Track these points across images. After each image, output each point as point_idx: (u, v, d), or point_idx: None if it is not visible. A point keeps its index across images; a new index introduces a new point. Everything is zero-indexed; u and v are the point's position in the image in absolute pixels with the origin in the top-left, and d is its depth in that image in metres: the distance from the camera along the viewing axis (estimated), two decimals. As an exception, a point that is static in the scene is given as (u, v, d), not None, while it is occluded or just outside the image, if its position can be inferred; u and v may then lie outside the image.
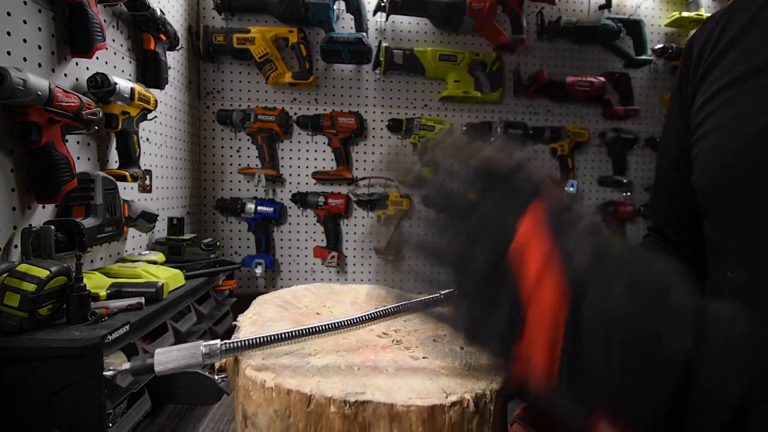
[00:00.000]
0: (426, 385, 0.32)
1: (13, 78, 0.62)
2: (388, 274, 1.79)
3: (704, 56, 0.50)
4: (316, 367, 0.34)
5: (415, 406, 0.29)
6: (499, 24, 1.67)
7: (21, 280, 0.60)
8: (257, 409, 0.32)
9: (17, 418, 0.59)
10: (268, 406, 0.31)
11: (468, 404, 0.31)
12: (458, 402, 0.30)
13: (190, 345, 0.33)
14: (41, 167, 0.74)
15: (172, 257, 1.13)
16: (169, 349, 0.32)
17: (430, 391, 0.31)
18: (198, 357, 0.32)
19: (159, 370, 0.31)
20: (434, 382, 0.32)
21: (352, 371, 0.33)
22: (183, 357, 0.32)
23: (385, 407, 0.29)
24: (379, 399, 0.30)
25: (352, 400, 0.29)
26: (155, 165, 1.25)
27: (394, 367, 0.34)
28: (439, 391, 0.31)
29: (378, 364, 0.35)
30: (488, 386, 0.33)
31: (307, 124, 1.66)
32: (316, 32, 1.65)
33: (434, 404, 0.30)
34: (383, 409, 0.29)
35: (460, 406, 0.30)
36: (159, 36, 1.11)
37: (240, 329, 0.41)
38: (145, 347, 0.79)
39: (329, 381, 0.31)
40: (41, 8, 0.78)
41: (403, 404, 0.29)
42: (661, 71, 1.88)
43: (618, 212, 1.83)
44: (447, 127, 1.71)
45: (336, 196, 1.68)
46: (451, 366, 0.35)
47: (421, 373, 0.34)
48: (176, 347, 0.33)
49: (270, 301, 0.48)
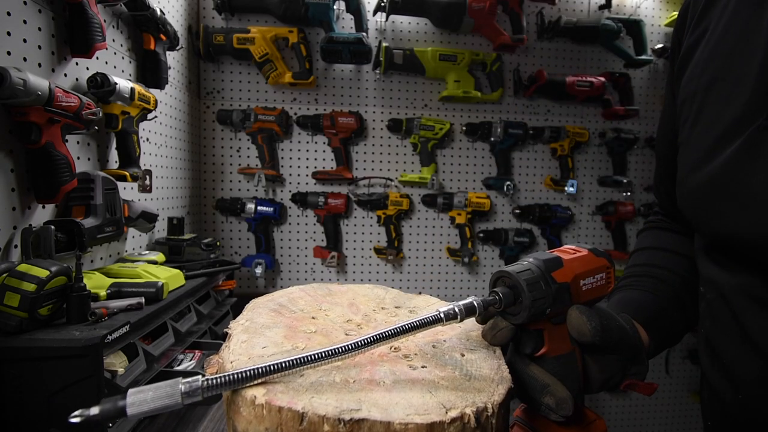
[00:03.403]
0: (425, 400, 0.30)
1: (14, 78, 0.62)
2: (388, 273, 1.79)
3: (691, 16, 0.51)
4: (309, 381, 0.32)
5: (413, 424, 0.28)
6: (499, 24, 1.67)
7: (21, 280, 0.60)
8: (247, 426, 0.30)
9: (17, 418, 0.59)
10: (258, 423, 0.30)
11: (469, 420, 0.29)
12: (459, 418, 0.29)
13: (167, 384, 0.29)
14: (41, 167, 0.74)
15: (172, 257, 1.13)
16: (144, 389, 0.29)
17: (429, 406, 0.30)
18: (176, 397, 0.28)
19: (132, 412, 0.28)
20: (433, 395, 0.31)
21: (347, 385, 0.32)
22: (159, 398, 0.28)
23: (381, 425, 0.28)
24: (375, 416, 0.28)
25: (347, 418, 0.28)
26: (155, 165, 1.25)
27: (391, 380, 0.33)
28: (438, 406, 0.30)
29: (374, 376, 0.33)
30: (490, 399, 0.31)
31: (307, 124, 1.66)
32: (316, 32, 1.65)
33: (433, 421, 0.28)
34: (380, 428, 0.28)
35: (460, 422, 0.29)
36: (159, 36, 1.11)
37: (231, 337, 0.39)
38: (145, 347, 0.79)
39: (323, 397, 0.30)
40: (41, 8, 0.78)
41: (401, 422, 0.28)
42: (661, 71, 1.88)
43: (618, 212, 1.83)
44: (447, 127, 1.71)
45: (336, 196, 1.68)
46: (451, 376, 0.34)
47: (419, 385, 0.32)
48: (153, 386, 0.29)
49: (264, 305, 0.46)
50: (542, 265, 0.38)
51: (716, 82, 0.43)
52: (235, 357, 0.35)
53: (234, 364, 0.34)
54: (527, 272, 0.37)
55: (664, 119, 0.59)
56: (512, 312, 0.38)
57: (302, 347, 0.37)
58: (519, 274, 0.37)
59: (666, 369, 1.95)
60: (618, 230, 1.88)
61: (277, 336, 0.39)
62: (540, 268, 0.38)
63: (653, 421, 1.99)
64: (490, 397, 0.31)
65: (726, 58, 0.43)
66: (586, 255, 0.41)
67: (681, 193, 0.48)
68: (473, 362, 0.37)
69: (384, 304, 0.49)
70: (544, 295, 0.37)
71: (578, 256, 0.41)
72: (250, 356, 0.35)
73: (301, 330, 0.40)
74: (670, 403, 1.99)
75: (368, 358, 0.36)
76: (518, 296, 0.37)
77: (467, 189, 1.80)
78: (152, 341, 0.82)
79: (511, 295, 0.37)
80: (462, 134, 1.77)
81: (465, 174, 1.81)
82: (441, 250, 1.80)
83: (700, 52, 0.47)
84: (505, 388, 0.33)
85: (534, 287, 0.37)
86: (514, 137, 1.75)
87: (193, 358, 0.92)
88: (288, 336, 0.39)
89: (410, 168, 1.77)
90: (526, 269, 0.38)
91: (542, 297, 0.37)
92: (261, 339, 0.38)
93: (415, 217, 1.78)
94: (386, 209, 1.71)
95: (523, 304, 0.37)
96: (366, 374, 0.33)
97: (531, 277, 0.37)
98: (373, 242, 1.76)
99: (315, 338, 0.39)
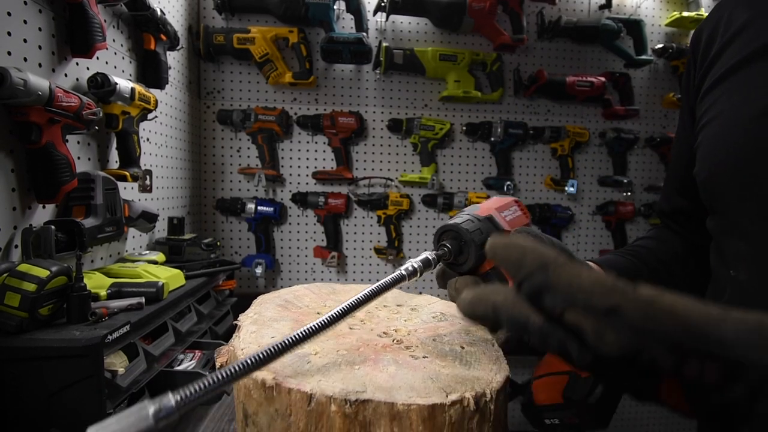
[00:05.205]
0: (426, 384, 0.32)
1: (14, 78, 0.62)
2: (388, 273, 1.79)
3: (712, 45, 0.49)
4: (317, 366, 0.33)
5: (415, 405, 0.29)
6: (499, 24, 1.67)
7: (21, 280, 0.60)
8: (258, 408, 0.32)
9: (17, 418, 0.59)
10: (268, 405, 0.31)
11: (468, 403, 0.31)
12: (458, 401, 0.30)
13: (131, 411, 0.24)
14: (42, 167, 0.74)
15: (173, 257, 1.13)
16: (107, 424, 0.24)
17: (430, 390, 0.31)
18: (147, 420, 0.24)
19: None
20: (435, 381, 0.32)
21: (352, 371, 0.33)
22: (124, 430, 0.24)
23: (385, 406, 0.29)
24: (379, 398, 0.29)
25: (353, 398, 0.29)
26: (155, 165, 1.25)
27: (394, 367, 0.34)
28: (439, 390, 0.31)
29: (378, 364, 0.34)
30: (488, 385, 0.33)
31: (308, 124, 1.66)
32: (317, 32, 1.65)
33: (434, 403, 0.30)
34: (384, 408, 0.29)
35: (460, 405, 0.30)
36: (159, 36, 1.11)
37: (241, 328, 0.41)
38: (145, 347, 0.79)
39: (330, 380, 0.31)
40: (41, 8, 0.78)
41: (404, 403, 0.29)
42: (662, 71, 1.88)
43: (618, 212, 1.83)
44: (447, 127, 1.71)
45: (336, 196, 1.68)
46: (451, 365, 0.35)
47: (421, 372, 0.34)
48: (115, 418, 0.24)
49: (271, 300, 0.48)
50: (466, 211, 0.47)
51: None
52: (245, 345, 0.37)
53: (244, 351, 0.36)
54: (457, 218, 0.45)
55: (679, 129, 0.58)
56: (462, 260, 0.44)
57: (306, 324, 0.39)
58: (451, 221, 0.45)
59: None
60: (618, 230, 1.87)
61: (284, 328, 0.41)
62: (464, 212, 0.46)
63: (653, 420, 1.99)
64: (489, 384, 0.33)
65: None
66: (494, 197, 0.50)
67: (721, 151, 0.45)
68: (473, 354, 0.38)
69: (386, 302, 0.51)
70: (478, 227, 0.44)
71: (487, 200, 0.50)
72: (259, 345, 0.37)
73: (307, 324, 0.41)
74: (671, 403, 1.99)
75: (372, 349, 0.37)
76: (461, 240, 0.43)
77: (467, 189, 1.80)
78: (152, 341, 0.82)
79: (456, 243, 0.43)
80: (462, 134, 1.77)
81: (465, 174, 1.81)
82: (441, 250, 1.80)
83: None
84: (503, 377, 0.35)
85: (467, 224, 0.44)
86: (514, 137, 1.75)
87: (194, 358, 0.92)
88: (295, 329, 0.40)
89: (410, 168, 1.77)
90: (456, 218, 0.45)
91: (477, 229, 0.43)
92: (269, 330, 0.40)
93: (416, 217, 1.78)
94: (386, 209, 1.71)
95: (467, 242, 0.43)
96: (370, 362, 0.35)
97: (462, 220, 0.44)
98: (373, 242, 1.76)
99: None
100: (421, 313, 0.48)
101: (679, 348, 0.22)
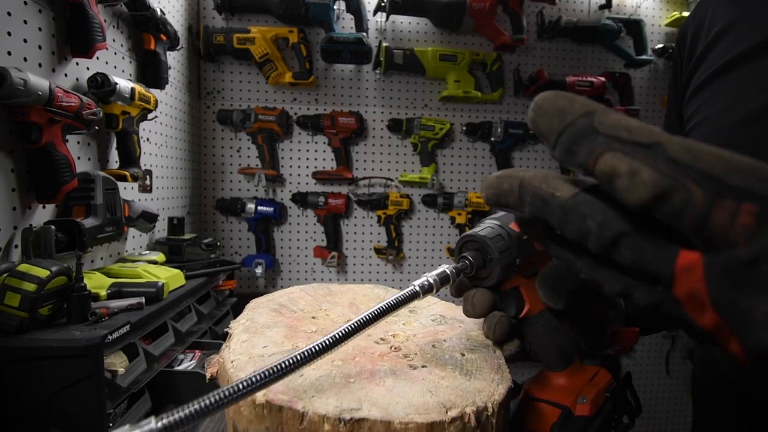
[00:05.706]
0: (425, 399, 0.30)
1: (14, 78, 0.62)
2: (388, 273, 1.79)
3: (697, 45, 0.49)
4: (310, 380, 0.32)
5: (413, 423, 0.28)
6: (499, 24, 1.67)
7: (21, 280, 0.60)
8: (248, 426, 0.31)
9: (17, 418, 0.59)
10: (259, 422, 0.30)
11: (469, 419, 0.29)
12: (459, 417, 0.29)
13: None
14: (42, 167, 0.74)
15: (173, 257, 1.13)
16: None
17: (429, 405, 0.30)
18: None
19: None
20: (434, 394, 0.31)
21: (347, 384, 0.32)
22: None
23: (381, 425, 0.28)
24: (375, 416, 0.28)
25: (347, 417, 0.28)
26: (155, 165, 1.25)
27: (391, 379, 0.33)
28: (438, 406, 0.30)
29: (375, 376, 0.33)
30: (490, 398, 0.31)
31: (308, 124, 1.66)
32: (317, 32, 1.65)
33: (434, 421, 0.28)
34: (380, 427, 0.28)
35: (460, 422, 0.29)
36: (159, 36, 1.11)
37: (232, 336, 0.39)
38: (145, 347, 0.79)
39: (323, 396, 0.30)
40: (41, 8, 0.78)
41: (401, 421, 0.28)
42: (662, 71, 1.88)
43: (618, 212, 1.83)
44: (447, 127, 1.70)
45: (336, 196, 1.68)
46: (451, 375, 0.34)
47: (420, 384, 0.32)
48: None
49: (264, 304, 0.46)
50: (498, 220, 0.39)
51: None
52: (235, 356, 0.35)
53: (234, 363, 0.34)
54: (487, 229, 0.38)
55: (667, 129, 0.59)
56: (484, 275, 0.38)
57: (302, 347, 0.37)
58: (480, 232, 0.37)
59: (666, 369, 1.95)
60: (618, 230, 1.87)
61: (277, 336, 0.39)
62: (497, 223, 0.38)
63: (653, 420, 1.99)
64: (491, 397, 0.31)
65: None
66: None
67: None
68: (473, 362, 0.36)
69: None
70: (508, 245, 0.37)
71: None
72: (250, 356, 0.35)
73: (302, 330, 0.40)
74: (670, 402, 1.99)
75: (368, 358, 0.36)
76: (486, 255, 0.37)
77: (467, 189, 1.80)
78: (152, 341, 0.82)
79: (480, 256, 0.37)
80: (462, 134, 1.77)
81: (465, 174, 1.81)
82: (441, 250, 1.80)
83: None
84: (506, 388, 0.33)
85: (497, 240, 0.37)
86: (514, 137, 1.75)
87: (194, 358, 0.92)
88: (288, 336, 0.39)
89: (410, 168, 1.77)
90: (486, 227, 0.38)
91: (507, 248, 0.37)
92: (261, 338, 0.38)
93: (416, 217, 1.78)
94: (386, 209, 1.71)
95: (493, 259, 0.37)
96: (366, 374, 0.33)
97: (491, 231, 0.37)
98: (373, 242, 1.76)
99: (315, 338, 0.38)
100: (420, 315, 0.47)
101: (718, 184, 0.20)
